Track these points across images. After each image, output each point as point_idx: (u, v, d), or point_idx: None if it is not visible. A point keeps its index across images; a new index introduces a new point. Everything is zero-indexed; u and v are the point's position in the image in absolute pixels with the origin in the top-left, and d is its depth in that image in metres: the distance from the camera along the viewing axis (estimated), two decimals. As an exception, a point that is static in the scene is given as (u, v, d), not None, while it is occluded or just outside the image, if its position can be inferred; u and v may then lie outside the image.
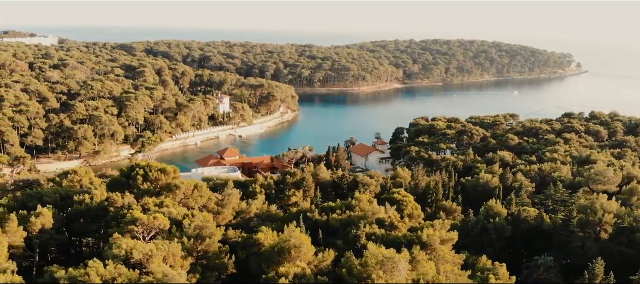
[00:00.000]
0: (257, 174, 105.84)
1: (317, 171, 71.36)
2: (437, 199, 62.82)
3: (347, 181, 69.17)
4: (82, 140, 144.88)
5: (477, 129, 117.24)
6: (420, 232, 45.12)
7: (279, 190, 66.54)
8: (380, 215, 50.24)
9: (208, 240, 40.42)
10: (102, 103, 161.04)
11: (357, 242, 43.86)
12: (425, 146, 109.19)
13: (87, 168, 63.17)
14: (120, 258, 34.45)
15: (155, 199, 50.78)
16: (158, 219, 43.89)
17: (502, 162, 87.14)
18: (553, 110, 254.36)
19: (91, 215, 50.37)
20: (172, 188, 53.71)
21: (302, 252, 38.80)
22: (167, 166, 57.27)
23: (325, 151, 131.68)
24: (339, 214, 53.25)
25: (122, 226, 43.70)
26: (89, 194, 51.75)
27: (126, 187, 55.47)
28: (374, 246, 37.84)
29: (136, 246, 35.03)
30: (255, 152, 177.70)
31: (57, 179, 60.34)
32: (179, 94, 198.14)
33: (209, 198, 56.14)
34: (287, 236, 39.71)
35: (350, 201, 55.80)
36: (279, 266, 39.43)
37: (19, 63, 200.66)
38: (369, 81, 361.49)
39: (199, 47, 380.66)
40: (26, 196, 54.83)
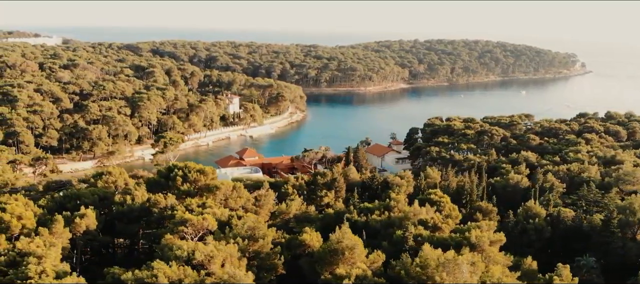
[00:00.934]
0: (277, 173, 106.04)
1: (347, 172, 71.30)
2: (471, 199, 62.70)
3: (378, 182, 69.05)
4: (96, 140, 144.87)
5: (496, 129, 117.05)
6: (468, 233, 45.03)
7: (310, 190, 66.41)
8: (422, 216, 50.13)
9: (261, 241, 40.31)
10: (115, 103, 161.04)
11: (405, 243, 43.69)
12: (445, 146, 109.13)
13: (121, 169, 63.00)
14: (183, 258, 34.37)
15: (197, 200, 50.77)
16: (207, 219, 43.92)
17: (526, 162, 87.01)
18: (562, 109, 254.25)
19: (133, 216, 50.30)
20: (212, 189, 53.69)
21: (356, 253, 38.73)
22: (205, 167, 57.32)
23: (337, 151, 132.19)
24: (378, 215, 53.22)
25: (171, 227, 43.71)
26: (129, 195, 51.67)
27: (165, 187, 55.48)
28: (429, 248, 37.72)
29: (198, 247, 34.92)
30: (266, 152, 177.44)
31: (91, 179, 60.18)
32: (189, 94, 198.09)
33: (248, 199, 56.14)
34: (339, 237, 39.57)
35: (387, 201, 55.76)
36: (332, 267, 39.37)
37: (30, 63, 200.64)
38: (375, 81, 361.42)
39: (205, 47, 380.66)
40: (63, 196, 54.76)
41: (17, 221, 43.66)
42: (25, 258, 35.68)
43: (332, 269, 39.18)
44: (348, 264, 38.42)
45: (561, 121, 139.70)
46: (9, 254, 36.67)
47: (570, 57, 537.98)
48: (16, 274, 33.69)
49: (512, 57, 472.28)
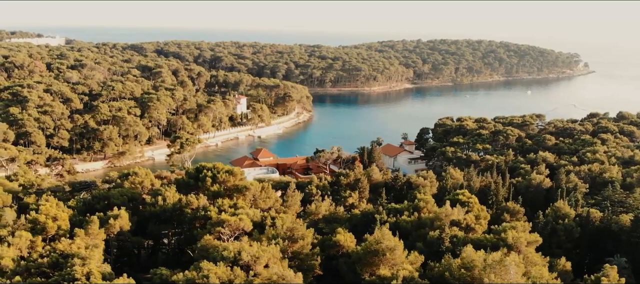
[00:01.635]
0: (292, 174, 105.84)
1: (370, 172, 71.20)
2: (497, 200, 62.56)
3: (401, 182, 68.91)
4: (107, 141, 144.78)
5: (511, 129, 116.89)
6: (504, 234, 44.91)
7: (334, 191, 66.32)
8: (454, 217, 50.01)
9: (300, 242, 40.24)
10: (125, 104, 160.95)
11: (441, 244, 43.58)
12: (460, 146, 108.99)
13: (147, 170, 62.92)
14: (230, 259, 34.27)
15: (228, 201, 50.72)
16: (243, 220, 43.90)
17: (544, 162, 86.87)
18: (569, 109, 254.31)
19: (166, 216, 50.28)
20: (242, 189, 53.71)
21: (396, 255, 38.62)
22: (233, 168, 57.27)
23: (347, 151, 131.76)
24: (407, 216, 53.11)
25: (209, 228, 43.67)
26: (160, 196, 51.61)
27: (194, 188, 55.48)
28: (471, 249, 37.60)
29: (243, 247, 34.82)
30: (275, 152, 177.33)
31: (118, 180, 60.11)
32: (198, 94, 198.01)
33: (276, 199, 56.09)
34: (378, 238, 39.48)
35: (416, 202, 55.64)
36: (371, 268, 39.31)
37: (37, 63, 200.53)
38: (379, 81, 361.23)
39: (209, 48, 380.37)
40: (92, 197, 54.74)
41: (53, 223, 43.67)
42: (69, 259, 35.62)
43: (372, 270, 39.13)
44: (389, 265, 38.32)
45: (572, 121, 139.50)
46: (51, 256, 36.62)
47: (573, 57, 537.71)
48: (62, 276, 33.62)
49: (515, 57, 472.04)
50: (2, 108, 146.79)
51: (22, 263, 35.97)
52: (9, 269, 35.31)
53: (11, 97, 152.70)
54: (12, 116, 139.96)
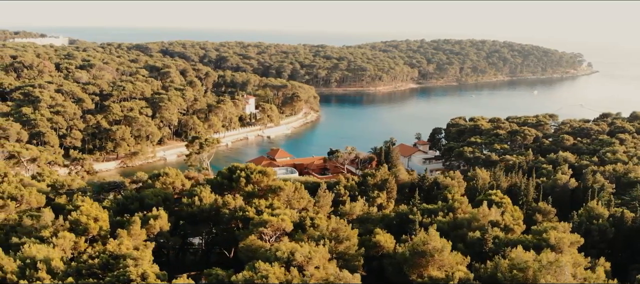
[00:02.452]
0: (308, 174, 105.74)
1: (396, 172, 71.13)
2: (527, 200, 62.50)
3: (428, 182, 68.86)
4: (119, 141, 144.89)
5: (528, 129, 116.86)
6: (546, 234, 44.82)
7: (361, 191, 66.21)
8: (491, 217, 49.89)
9: (346, 242, 40.16)
10: (136, 104, 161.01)
11: (484, 245, 43.46)
12: (478, 146, 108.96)
13: (177, 170, 62.87)
14: (283, 260, 34.18)
15: (264, 201, 50.65)
16: (285, 220, 43.82)
17: (566, 162, 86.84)
18: (576, 109, 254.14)
19: (203, 216, 50.19)
20: (276, 190, 53.57)
21: (444, 256, 38.51)
22: (266, 169, 57.25)
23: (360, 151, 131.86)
24: (442, 216, 52.99)
25: (250, 228, 43.60)
26: (196, 196, 51.48)
27: (227, 189, 55.38)
28: (521, 250, 37.49)
29: (297, 248, 34.75)
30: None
31: (148, 181, 59.96)
32: (208, 94, 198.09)
33: (309, 200, 56.01)
34: (425, 239, 39.33)
35: (450, 202, 55.54)
36: (419, 269, 39.22)
37: (47, 64, 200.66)
38: (385, 81, 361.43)
39: (214, 48, 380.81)
40: (126, 198, 54.63)
41: (95, 223, 43.56)
42: (120, 260, 35.53)
43: (419, 271, 39.05)
44: (437, 266, 38.24)
45: (585, 121, 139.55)
46: (101, 257, 36.52)
47: (577, 57, 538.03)
48: (116, 277, 33.52)
49: (519, 57, 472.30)
50: (14, 108, 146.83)
51: (72, 264, 35.88)
52: (60, 270, 35.19)
53: (23, 97, 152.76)
54: (24, 116, 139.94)
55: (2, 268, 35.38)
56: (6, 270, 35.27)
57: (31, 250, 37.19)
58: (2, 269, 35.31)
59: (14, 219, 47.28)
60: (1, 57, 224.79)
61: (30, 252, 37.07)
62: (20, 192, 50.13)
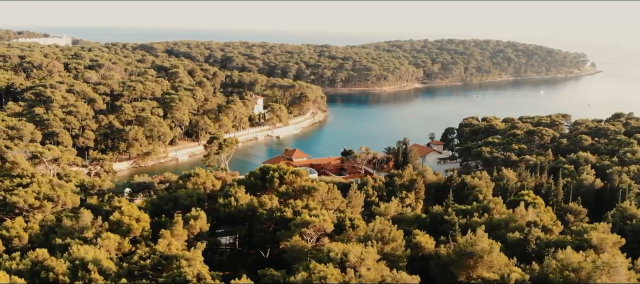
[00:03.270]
0: (325, 174, 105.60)
1: (423, 172, 71.13)
2: (557, 201, 62.42)
3: (456, 183, 68.81)
4: (132, 141, 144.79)
5: (546, 129, 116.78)
6: (587, 234, 44.79)
7: (389, 192, 66.22)
8: (529, 218, 49.86)
9: (392, 243, 40.11)
10: (147, 104, 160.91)
11: (527, 245, 43.41)
12: (496, 146, 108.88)
13: (207, 171, 62.81)
14: (337, 261, 34.13)
15: (299, 202, 50.63)
16: (326, 221, 43.79)
17: (587, 163, 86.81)
18: (584, 109, 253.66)
19: (240, 217, 50.16)
20: (310, 190, 53.58)
21: (493, 257, 38.46)
22: (299, 169, 57.28)
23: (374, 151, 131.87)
24: (478, 217, 52.96)
25: (292, 228, 43.59)
26: (232, 197, 51.46)
27: (261, 189, 55.38)
28: (571, 251, 37.42)
29: (349, 249, 34.69)
30: None
31: (180, 181, 59.93)
32: (217, 94, 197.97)
33: (341, 201, 56.00)
34: (472, 240, 39.27)
35: (485, 203, 55.49)
36: (467, 270, 39.18)
37: (56, 64, 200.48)
38: (390, 81, 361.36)
39: (219, 48, 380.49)
40: (160, 198, 54.63)
41: (137, 224, 43.58)
42: (172, 261, 35.49)
43: (468, 272, 39.02)
44: (486, 267, 38.19)
45: (598, 121, 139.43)
46: (152, 258, 36.49)
47: (580, 57, 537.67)
48: (172, 278, 33.47)
49: (524, 57, 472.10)
50: (26, 108, 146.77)
51: (124, 265, 35.86)
52: (112, 271, 35.18)
53: (34, 98, 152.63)
54: (37, 116, 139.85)
55: (53, 270, 35.35)
56: (57, 272, 35.25)
57: (80, 251, 37.17)
58: (54, 270, 35.28)
59: (51, 219, 47.36)
60: (9, 57, 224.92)
61: (78, 253, 37.05)
62: (56, 193, 50.10)
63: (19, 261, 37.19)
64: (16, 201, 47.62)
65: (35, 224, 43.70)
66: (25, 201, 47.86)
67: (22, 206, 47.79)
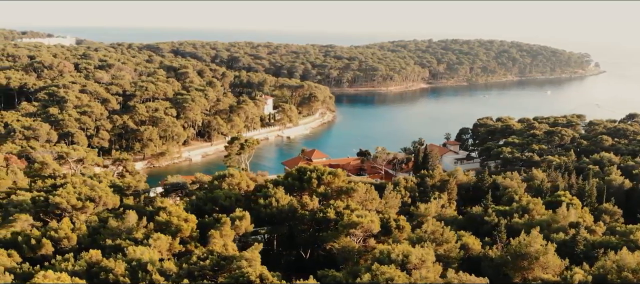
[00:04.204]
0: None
1: (455, 173, 71.14)
2: (591, 201, 62.38)
3: (487, 184, 68.79)
4: (146, 141, 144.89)
5: (565, 130, 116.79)
6: (633, 235, 44.74)
7: (420, 192, 66.18)
8: (571, 218, 49.77)
9: (446, 244, 40.06)
10: (161, 104, 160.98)
11: (575, 247, 43.32)
12: (516, 146, 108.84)
13: (241, 172, 62.76)
14: (398, 262, 34.07)
15: (340, 202, 50.58)
16: (374, 222, 43.77)
17: (610, 163, 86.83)
18: (592, 109, 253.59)
19: (282, 217, 50.12)
20: (349, 191, 53.50)
21: (549, 258, 38.38)
22: (336, 170, 57.24)
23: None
24: (518, 218, 52.88)
25: (340, 229, 43.55)
26: (273, 197, 51.38)
27: (298, 189, 55.31)
28: (627, 251, 37.37)
29: (411, 250, 34.64)
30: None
31: (215, 182, 59.83)
32: (228, 95, 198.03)
33: (379, 201, 55.97)
34: (527, 241, 39.17)
35: (524, 203, 55.41)
36: (521, 272, 39.13)
37: (66, 64, 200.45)
38: (396, 81, 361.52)
39: (225, 48, 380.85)
40: (199, 199, 54.57)
41: (186, 224, 43.53)
42: (232, 261, 35.44)
43: (522, 274, 38.97)
44: (541, 268, 38.15)
45: (611, 121, 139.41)
46: (210, 258, 36.43)
47: (584, 57, 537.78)
48: (235, 278, 33.40)
49: (528, 57, 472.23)
50: (41, 108, 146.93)
51: (183, 266, 35.80)
52: (172, 272, 35.11)
53: (48, 98, 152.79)
54: (52, 116, 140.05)
55: (112, 271, 35.31)
56: (117, 273, 35.20)
57: (136, 252, 37.14)
58: (113, 272, 35.23)
59: (94, 220, 47.30)
60: (18, 57, 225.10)
61: (134, 254, 37.02)
62: (97, 194, 50.07)
63: (74, 262, 37.16)
64: (59, 202, 47.55)
65: (83, 225, 43.61)
66: (67, 202, 47.79)
67: (64, 206, 47.71)
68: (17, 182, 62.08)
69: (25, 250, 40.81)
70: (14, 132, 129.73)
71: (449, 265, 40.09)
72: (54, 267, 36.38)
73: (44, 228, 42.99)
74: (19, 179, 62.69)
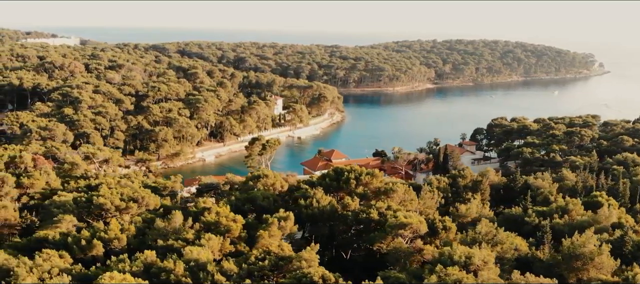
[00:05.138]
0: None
1: (486, 173, 71.13)
2: (625, 202, 62.40)
3: (519, 184, 68.79)
4: (161, 142, 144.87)
5: (585, 130, 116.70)
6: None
7: (453, 193, 66.20)
8: (613, 219, 49.82)
9: (500, 246, 40.07)
10: (174, 105, 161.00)
11: (623, 247, 43.35)
12: (536, 146, 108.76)
13: (275, 172, 62.81)
14: (461, 263, 34.11)
15: (382, 203, 50.64)
16: (423, 223, 43.77)
17: (634, 163, 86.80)
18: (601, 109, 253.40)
19: (324, 218, 50.21)
20: (388, 191, 53.56)
21: (603, 259, 38.42)
22: (373, 170, 57.30)
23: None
24: (558, 218, 52.87)
25: (388, 230, 43.56)
26: (314, 198, 51.47)
27: (336, 190, 55.42)
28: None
29: (474, 252, 34.67)
30: (312, 153, 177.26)
31: (250, 183, 59.92)
32: (239, 95, 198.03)
33: (418, 202, 55.96)
34: (580, 242, 39.24)
35: (562, 204, 55.41)
36: (575, 272, 39.17)
37: (77, 64, 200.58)
38: (403, 81, 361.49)
39: (231, 48, 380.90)
40: (237, 199, 54.63)
41: (234, 224, 43.60)
42: (291, 261, 35.52)
43: (576, 274, 39.01)
44: (595, 269, 38.19)
45: (626, 122, 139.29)
46: (269, 259, 36.51)
47: (588, 58, 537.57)
48: (297, 279, 33.47)
49: (533, 57, 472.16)
50: (55, 109, 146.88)
51: (243, 266, 35.87)
52: (234, 272, 35.19)
53: (61, 98, 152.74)
54: (67, 117, 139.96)
55: (172, 271, 35.38)
56: (177, 273, 35.28)
57: (193, 253, 37.21)
58: (173, 272, 35.31)
59: (138, 221, 47.38)
60: (28, 57, 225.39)
61: (191, 254, 37.09)
62: (140, 195, 50.12)
63: (130, 263, 37.23)
64: (103, 203, 47.62)
65: (131, 226, 43.71)
66: (111, 202, 47.86)
67: (108, 207, 47.78)
68: (50, 183, 62.13)
69: (76, 251, 40.90)
70: (30, 133, 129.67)
71: (502, 267, 40.19)
72: (110, 268, 36.50)
73: (91, 229, 43.07)
74: (52, 180, 62.70)
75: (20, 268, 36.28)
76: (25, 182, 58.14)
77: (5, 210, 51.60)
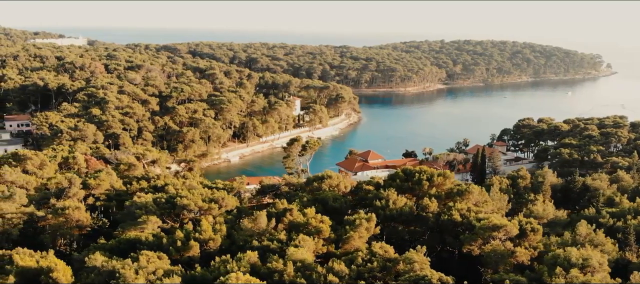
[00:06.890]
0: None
1: (544, 174, 71.11)
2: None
3: (578, 185, 68.75)
4: (189, 143, 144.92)
5: (621, 130, 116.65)
6: None
7: (515, 194, 66.17)
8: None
9: (600, 247, 40.02)
10: (199, 106, 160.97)
11: None
12: (574, 147, 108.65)
13: (337, 174, 62.74)
14: (578, 265, 34.05)
15: (462, 204, 50.57)
16: (514, 225, 43.69)
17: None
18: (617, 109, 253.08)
19: (402, 219, 50.17)
20: (463, 193, 53.45)
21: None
22: (445, 171, 57.20)
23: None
24: (631, 218, 52.82)
25: (480, 232, 43.50)
26: (390, 200, 51.42)
27: (407, 191, 55.35)
28: None
29: (590, 254, 34.63)
30: (331, 153, 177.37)
31: (314, 184, 59.88)
32: (259, 96, 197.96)
33: (492, 203, 55.87)
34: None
35: (635, 205, 55.35)
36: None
37: (97, 65, 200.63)
38: (415, 81, 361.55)
39: (242, 49, 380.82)
40: (308, 200, 54.60)
41: (324, 225, 43.57)
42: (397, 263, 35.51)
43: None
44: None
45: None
46: (375, 260, 36.50)
47: (597, 58, 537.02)
48: (414, 281, 33.45)
49: (542, 58, 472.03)
50: (82, 109, 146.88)
51: (353, 267, 35.87)
52: (345, 273, 35.20)
53: (87, 99, 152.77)
54: (95, 117, 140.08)
55: (284, 272, 35.41)
56: (289, 273, 35.31)
57: (296, 253, 37.23)
58: (286, 272, 35.34)
59: (221, 221, 47.37)
60: (46, 57, 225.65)
61: (296, 255, 37.10)
62: (220, 196, 50.13)
63: (237, 263, 37.22)
64: (187, 204, 47.65)
65: (223, 226, 43.72)
66: (195, 204, 47.88)
67: (192, 208, 47.81)
68: (112, 184, 62.18)
69: (172, 252, 40.87)
70: (61, 133, 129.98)
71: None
72: (217, 270, 36.50)
73: (184, 230, 43.06)
74: (113, 181, 62.75)
75: (126, 270, 36.28)
76: (92, 183, 58.13)
77: (79, 211, 51.63)
